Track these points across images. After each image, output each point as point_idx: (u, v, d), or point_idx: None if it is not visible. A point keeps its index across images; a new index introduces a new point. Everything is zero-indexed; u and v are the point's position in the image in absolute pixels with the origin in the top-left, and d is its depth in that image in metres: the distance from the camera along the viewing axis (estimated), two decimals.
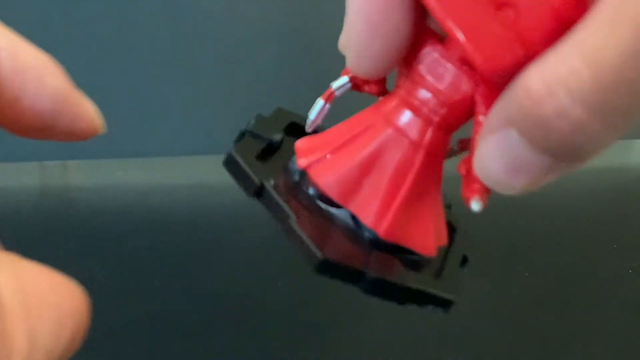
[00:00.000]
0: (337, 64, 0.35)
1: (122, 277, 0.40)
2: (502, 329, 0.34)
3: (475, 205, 0.19)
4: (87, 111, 0.22)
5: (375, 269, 0.21)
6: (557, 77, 0.16)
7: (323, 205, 0.22)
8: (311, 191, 0.22)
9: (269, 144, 0.24)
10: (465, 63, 0.19)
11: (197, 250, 0.44)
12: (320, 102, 0.22)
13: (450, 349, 0.32)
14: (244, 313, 0.36)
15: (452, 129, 0.20)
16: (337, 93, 0.22)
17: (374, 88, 0.22)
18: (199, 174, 0.61)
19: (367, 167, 0.20)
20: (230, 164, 0.23)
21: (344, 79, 0.22)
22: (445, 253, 0.24)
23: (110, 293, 0.38)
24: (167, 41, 0.61)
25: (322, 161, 0.21)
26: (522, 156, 0.18)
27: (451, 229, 0.25)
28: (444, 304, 0.22)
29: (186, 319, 0.35)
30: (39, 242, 0.46)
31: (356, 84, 0.22)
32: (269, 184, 0.22)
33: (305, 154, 0.22)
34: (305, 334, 0.35)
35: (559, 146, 0.17)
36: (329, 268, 0.20)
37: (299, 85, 0.58)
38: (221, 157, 0.22)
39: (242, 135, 0.24)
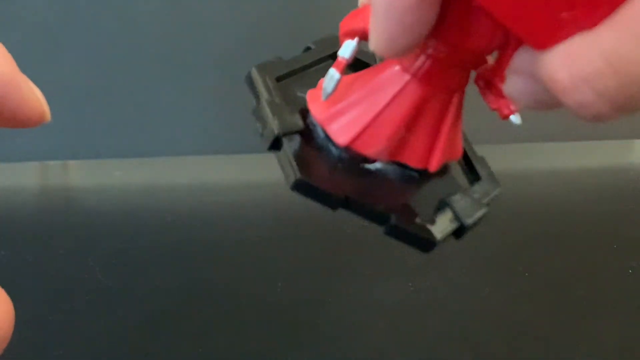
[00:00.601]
0: None
1: (122, 277, 0.40)
2: (502, 329, 0.34)
3: (516, 119, 0.21)
4: (32, 96, 0.22)
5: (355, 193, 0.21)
6: (582, 75, 0.16)
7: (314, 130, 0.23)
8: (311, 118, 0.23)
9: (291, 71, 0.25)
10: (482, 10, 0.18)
11: (197, 250, 0.44)
12: (333, 74, 0.22)
13: (450, 349, 0.32)
14: (244, 313, 0.36)
15: (457, 66, 0.21)
16: (347, 59, 0.22)
17: None
18: (199, 174, 0.61)
19: (363, 95, 0.22)
20: (249, 81, 0.24)
21: (351, 44, 0.22)
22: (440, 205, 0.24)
23: (110, 293, 0.38)
24: (167, 41, 0.61)
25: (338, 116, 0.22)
26: (544, 100, 0.19)
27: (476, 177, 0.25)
28: (424, 243, 0.22)
29: (186, 319, 0.35)
30: (39, 242, 0.46)
31: (364, 40, 0.22)
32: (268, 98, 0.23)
33: (315, 103, 0.23)
34: (305, 333, 0.35)
35: (578, 114, 0.18)
36: (303, 186, 0.21)
37: None
38: (221, 157, 0.22)
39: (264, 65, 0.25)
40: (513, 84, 0.19)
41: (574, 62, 0.16)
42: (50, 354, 0.32)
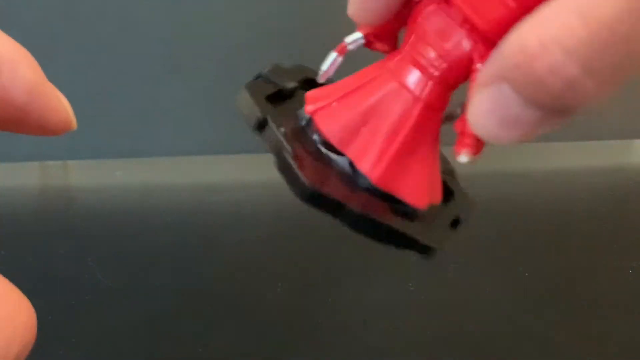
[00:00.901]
0: None
1: (122, 277, 0.40)
2: (502, 329, 0.34)
3: (463, 158, 0.20)
4: (60, 105, 0.22)
5: (362, 206, 0.21)
6: (552, 33, 0.16)
7: (324, 151, 0.22)
8: (315, 136, 0.22)
9: (280, 90, 0.24)
10: (466, 21, 0.19)
11: (197, 250, 0.44)
12: (332, 55, 0.22)
13: (450, 349, 0.32)
14: (244, 312, 0.36)
15: (452, 86, 0.21)
16: (349, 47, 0.22)
17: (385, 46, 0.22)
18: (199, 174, 0.61)
19: (368, 116, 0.21)
20: (240, 99, 0.24)
21: (357, 34, 0.22)
22: (438, 212, 0.24)
23: (110, 293, 0.38)
24: (167, 41, 0.61)
25: (327, 108, 0.22)
26: (514, 111, 0.18)
27: (449, 193, 0.25)
28: (425, 250, 0.22)
29: (186, 319, 0.35)
30: (39, 242, 0.46)
31: (369, 40, 0.22)
32: (272, 119, 0.22)
33: (313, 101, 0.22)
34: (306, 333, 0.35)
35: (551, 101, 0.17)
36: (315, 198, 0.20)
37: None
38: (221, 157, 0.23)
39: (257, 77, 0.25)
40: (479, 104, 0.18)
41: (543, 24, 0.16)
42: (50, 354, 0.32)
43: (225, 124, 0.62)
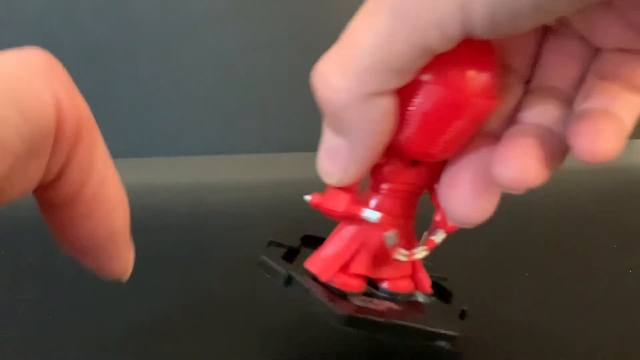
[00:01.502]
0: None
1: None
2: (502, 329, 0.34)
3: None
4: (126, 259, 0.25)
5: (389, 315, 0.27)
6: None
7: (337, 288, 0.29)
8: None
9: (290, 250, 0.32)
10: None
11: (197, 250, 0.44)
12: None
13: (450, 349, 0.32)
14: (245, 313, 0.36)
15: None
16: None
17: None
18: (199, 174, 0.61)
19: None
20: (263, 265, 0.30)
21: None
22: (445, 308, 0.31)
23: (110, 293, 0.38)
24: (167, 41, 0.61)
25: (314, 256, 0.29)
26: (329, 144, 0.24)
27: (448, 295, 0.32)
28: (449, 339, 0.28)
29: (186, 319, 0.35)
30: (39, 242, 0.46)
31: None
32: (296, 274, 0.29)
33: (323, 272, 0.29)
34: (305, 334, 0.35)
35: (330, 121, 0.23)
36: (351, 321, 0.26)
37: (299, 85, 0.58)
38: (221, 157, 0.23)
39: (269, 244, 0.32)
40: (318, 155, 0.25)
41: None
42: (50, 354, 0.32)
43: (225, 124, 0.62)
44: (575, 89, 0.25)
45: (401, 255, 0.28)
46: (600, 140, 0.21)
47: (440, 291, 0.32)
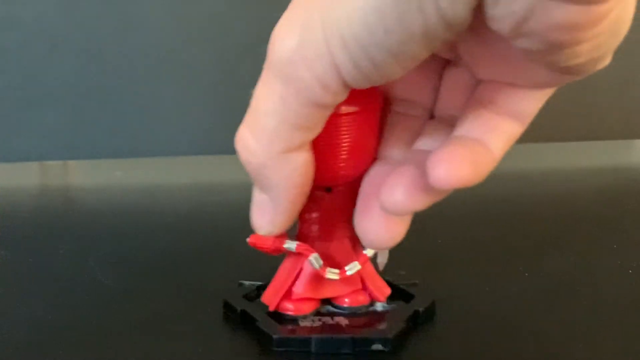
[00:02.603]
0: None
1: (122, 277, 0.40)
2: (502, 329, 0.34)
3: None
4: None
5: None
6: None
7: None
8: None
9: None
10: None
11: (197, 250, 0.44)
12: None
13: (450, 348, 0.32)
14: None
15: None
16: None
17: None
18: (199, 174, 0.61)
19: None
20: (226, 306, 0.35)
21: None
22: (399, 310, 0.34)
23: (110, 293, 0.38)
24: (167, 41, 0.61)
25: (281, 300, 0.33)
26: (257, 200, 0.28)
27: (411, 298, 0.35)
28: (383, 342, 0.31)
29: (186, 319, 0.35)
30: (39, 242, 0.46)
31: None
32: (251, 309, 0.34)
33: (271, 302, 0.33)
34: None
35: (254, 180, 0.28)
36: (282, 342, 0.31)
37: None
38: (221, 157, 0.23)
39: (239, 285, 0.37)
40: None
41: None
42: (50, 354, 0.32)
43: (225, 124, 0.62)
44: None
45: (332, 274, 0.31)
46: (453, 168, 0.23)
47: (407, 296, 0.35)
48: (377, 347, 0.30)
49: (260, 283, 0.36)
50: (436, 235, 0.45)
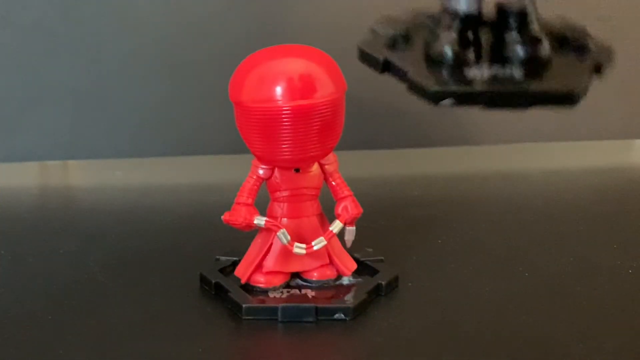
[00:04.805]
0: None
1: (122, 277, 0.40)
2: (502, 329, 0.34)
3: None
4: None
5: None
6: None
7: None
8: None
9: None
10: None
11: (197, 250, 0.44)
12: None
13: (449, 348, 0.32)
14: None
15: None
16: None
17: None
18: (199, 174, 0.61)
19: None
20: (202, 278, 0.38)
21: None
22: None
23: (110, 293, 0.38)
24: (166, 41, 0.61)
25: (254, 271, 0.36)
26: None
27: (375, 273, 0.38)
28: (344, 310, 0.34)
29: (186, 319, 0.35)
30: (39, 242, 0.46)
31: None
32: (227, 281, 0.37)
33: (243, 275, 0.36)
34: (305, 334, 0.35)
35: None
36: (251, 310, 0.34)
37: None
38: (221, 157, 0.23)
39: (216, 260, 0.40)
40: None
41: None
42: (50, 354, 0.32)
43: (225, 124, 0.62)
44: None
45: (299, 248, 0.34)
46: None
47: (373, 271, 0.37)
48: (340, 316, 0.33)
49: (236, 259, 0.38)
50: (436, 235, 0.45)
